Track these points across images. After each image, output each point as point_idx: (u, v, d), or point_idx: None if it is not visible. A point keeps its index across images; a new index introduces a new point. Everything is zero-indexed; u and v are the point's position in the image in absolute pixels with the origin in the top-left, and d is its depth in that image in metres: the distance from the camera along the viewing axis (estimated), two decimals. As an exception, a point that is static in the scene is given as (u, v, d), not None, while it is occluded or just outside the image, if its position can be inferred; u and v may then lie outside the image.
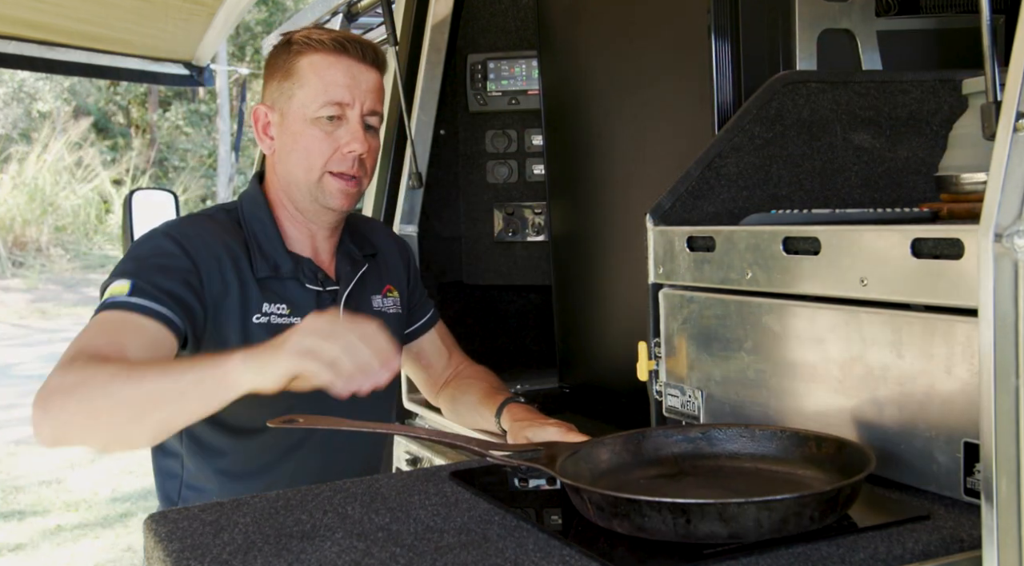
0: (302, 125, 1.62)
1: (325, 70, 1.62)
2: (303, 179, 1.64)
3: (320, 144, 1.62)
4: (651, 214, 1.41)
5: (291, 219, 1.68)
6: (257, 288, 1.59)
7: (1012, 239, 0.79)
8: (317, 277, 1.66)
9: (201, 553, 1.00)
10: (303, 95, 1.62)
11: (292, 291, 1.63)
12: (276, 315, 1.59)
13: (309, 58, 1.63)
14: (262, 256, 1.62)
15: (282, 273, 1.63)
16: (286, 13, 15.01)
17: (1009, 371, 0.80)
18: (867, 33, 1.77)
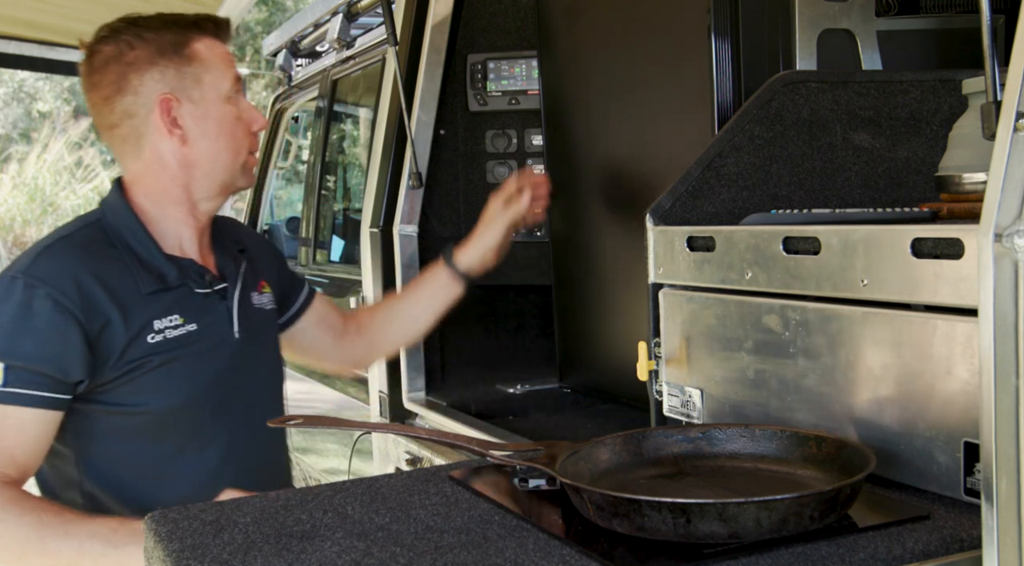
0: (221, 107, 1.57)
1: (219, 50, 1.59)
2: (230, 162, 1.59)
3: (240, 124, 1.59)
4: (651, 214, 1.41)
5: (169, 220, 1.58)
6: (143, 306, 1.49)
7: (1012, 239, 0.79)
8: (205, 279, 1.58)
9: (201, 553, 1.00)
10: (213, 78, 1.56)
11: (181, 299, 1.54)
12: (170, 328, 1.51)
13: (203, 41, 1.57)
14: (144, 269, 1.51)
15: (169, 282, 1.53)
16: (286, 13, 15.02)
17: (1009, 371, 0.80)
18: (867, 33, 1.77)
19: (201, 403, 1.54)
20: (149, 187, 1.58)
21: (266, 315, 1.71)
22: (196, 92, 1.55)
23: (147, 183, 1.58)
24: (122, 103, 1.54)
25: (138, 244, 1.53)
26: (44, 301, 1.41)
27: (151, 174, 1.57)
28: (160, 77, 1.53)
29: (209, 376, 1.55)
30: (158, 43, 1.54)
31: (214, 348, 1.55)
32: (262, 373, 1.67)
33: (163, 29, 1.55)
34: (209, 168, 1.57)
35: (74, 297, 1.42)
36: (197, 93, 1.55)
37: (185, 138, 1.55)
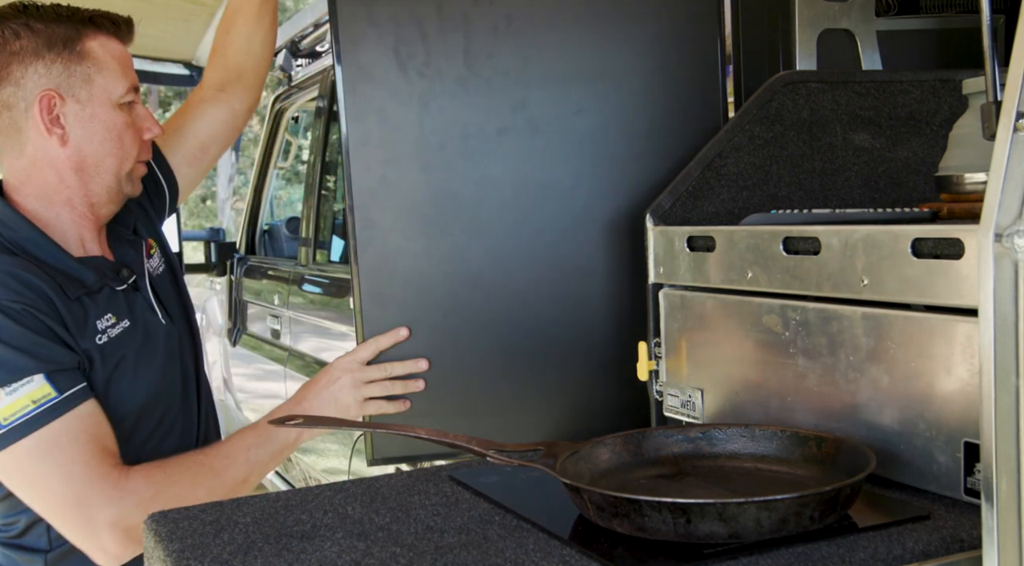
0: (111, 112, 1.48)
1: (117, 52, 1.50)
2: (115, 169, 1.50)
3: (131, 132, 1.51)
4: (651, 214, 1.41)
5: (67, 223, 1.51)
6: (79, 308, 1.44)
7: (1012, 239, 0.79)
8: (120, 275, 1.53)
9: (201, 553, 1.00)
10: (105, 80, 1.48)
11: (107, 298, 1.49)
12: (111, 328, 1.47)
13: (99, 40, 1.48)
14: (65, 276, 1.44)
15: (90, 286, 1.47)
16: (286, 13, 15.01)
17: (1009, 371, 0.80)
18: (867, 33, 1.77)
19: (161, 395, 1.55)
20: (35, 188, 1.49)
21: (165, 277, 1.66)
22: (84, 92, 1.47)
23: (35, 184, 1.49)
24: (2, 94, 1.45)
25: (43, 253, 1.45)
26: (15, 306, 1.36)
27: (36, 173, 1.49)
28: (45, 71, 1.44)
29: (156, 368, 1.54)
30: (48, 35, 1.45)
31: (149, 340, 1.54)
32: (187, 343, 1.66)
33: (56, 22, 1.46)
34: (94, 172, 1.50)
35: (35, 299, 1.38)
36: (85, 93, 1.47)
37: (65, 139, 1.47)
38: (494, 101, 1.50)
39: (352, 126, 1.45)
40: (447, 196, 1.49)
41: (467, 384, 1.51)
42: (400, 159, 1.47)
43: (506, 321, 1.52)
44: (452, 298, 1.50)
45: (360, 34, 1.44)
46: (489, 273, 1.51)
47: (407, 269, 1.48)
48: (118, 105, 1.49)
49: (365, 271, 1.46)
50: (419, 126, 1.47)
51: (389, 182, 1.47)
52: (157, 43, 4.56)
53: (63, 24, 1.46)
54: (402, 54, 1.46)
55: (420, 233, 1.49)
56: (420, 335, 1.49)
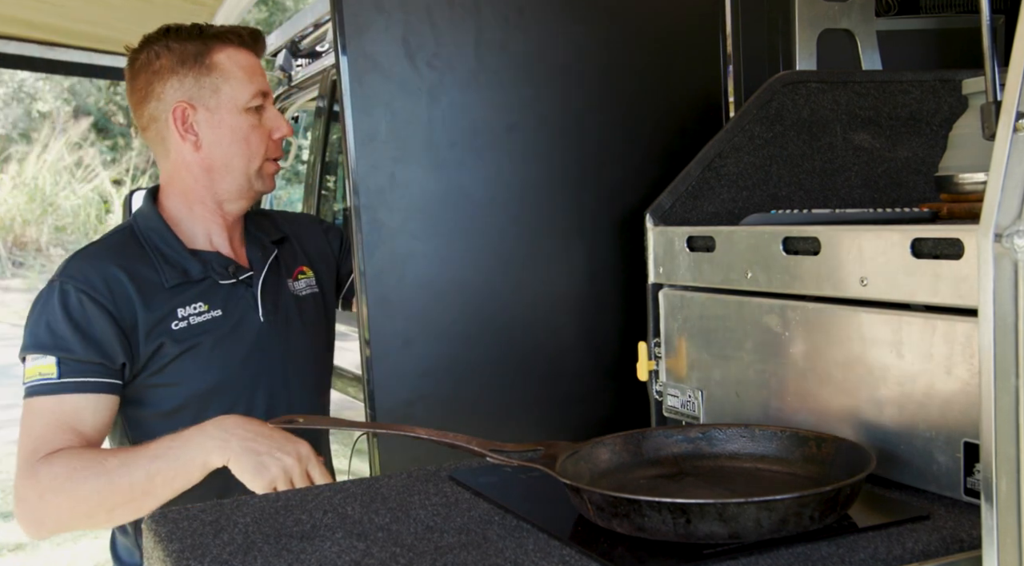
0: (237, 117, 1.66)
1: (245, 61, 1.68)
2: (243, 168, 1.68)
3: (258, 133, 1.68)
4: (651, 214, 1.41)
5: (198, 219, 1.70)
6: (167, 296, 1.61)
7: (1012, 239, 0.79)
8: (228, 270, 1.68)
9: (201, 553, 1.00)
10: (231, 88, 1.66)
11: (206, 289, 1.65)
12: (195, 315, 1.63)
13: (227, 52, 1.67)
14: (168, 264, 1.64)
15: (192, 275, 1.65)
16: (286, 13, 15.01)
17: (1009, 371, 0.80)
18: (867, 33, 1.77)
19: (233, 383, 1.65)
20: (177, 187, 1.70)
21: (303, 300, 1.80)
22: (212, 101, 1.65)
23: (175, 183, 1.70)
24: (148, 108, 1.68)
25: (163, 243, 1.65)
26: (78, 295, 1.54)
27: (177, 174, 1.70)
28: (179, 85, 1.65)
29: (236, 358, 1.65)
30: (181, 53, 1.66)
31: (237, 331, 1.66)
32: (294, 355, 1.74)
33: (189, 40, 1.67)
34: (224, 172, 1.67)
35: (103, 291, 1.55)
36: (213, 102, 1.65)
37: (199, 144, 1.66)
38: (505, 96, 1.46)
39: (358, 120, 1.39)
40: (457, 195, 1.45)
41: (467, 384, 1.50)
42: (409, 156, 1.42)
43: (506, 320, 1.51)
44: (461, 301, 1.47)
45: (367, 21, 1.38)
46: (495, 274, 1.49)
47: (415, 273, 1.43)
48: (245, 110, 1.66)
49: (372, 275, 1.41)
50: (428, 121, 1.43)
51: (398, 181, 1.42)
52: (157, 43, 4.55)
53: (195, 41, 1.66)
54: (411, 44, 1.41)
55: (430, 234, 1.44)
56: (426, 340, 1.45)
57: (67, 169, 15.65)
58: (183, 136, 1.66)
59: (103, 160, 16.32)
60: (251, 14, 15.80)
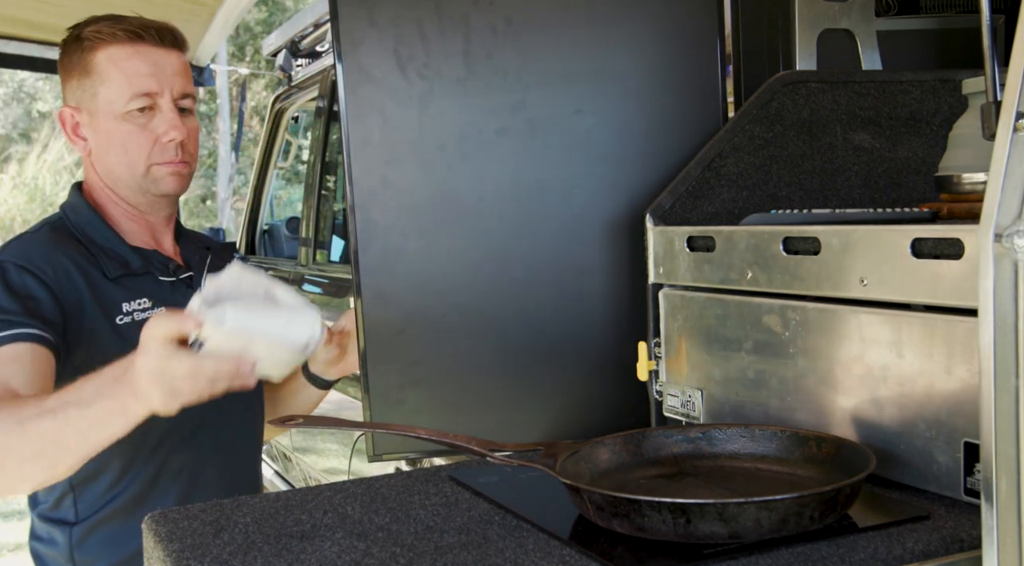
0: (114, 122, 1.57)
1: (125, 62, 1.56)
2: (127, 175, 1.60)
3: (137, 139, 1.57)
4: (651, 214, 1.41)
5: (125, 215, 1.64)
6: (111, 287, 1.55)
7: (1012, 239, 0.79)
8: (169, 268, 1.64)
9: (201, 553, 1.00)
10: (108, 92, 1.56)
11: (148, 285, 1.60)
12: (139, 311, 1.56)
13: (106, 52, 1.56)
14: (106, 256, 1.57)
15: (133, 269, 1.59)
16: (286, 13, 15.02)
17: (1009, 371, 0.80)
18: (867, 33, 1.77)
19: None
20: (94, 187, 1.64)
21: None
22: (92, 105, 1.58)
23: (91, 183, 1.65)
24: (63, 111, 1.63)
25: (99, 235, 1.59)
26: (16, 271, 1.46)
27: (88, 177, 1.65)
28: (69, 88, 1.60)
29: None
30: (67, 55, 1.59)
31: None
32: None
33: (74, 41, 1.58)
34: (113, 178, 1.61)
35: (46, 270, 1.48)
36: (93, 106, 1.58)
37: (88, 149, 1.61)
38: (493, 102, 1.50)
39: (353, 127, 1.46)
40: (447, 196, 1.50)
41: (467, 384, 1.52)
42: (400, 159, 1.48)
43: (506, 321, 1.52)
44: (452, 298, 1.50)
45: (361, 35, 1.45)
46: (489, 273, 1.52)
47: (407, 269, 1.49)
48: (123, 114, 1.56)
49: (366, 271, 1.47)
50: (419, 127, 1.48)
51: (389, 182, 1.47)
52: (157, 43, 4.55)
53: (77, 42, 1.58)
54: (402, 55, 1.47)
55: (420, 233, 1.49)
56: (420, 335, 1.49)
57: (67, 169, 15.65)
58: (74, 141, 1.61)
59: (103, 160, 16.29)
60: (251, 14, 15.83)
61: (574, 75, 1.52)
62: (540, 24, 1.51)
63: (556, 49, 1.52)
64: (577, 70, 1.53)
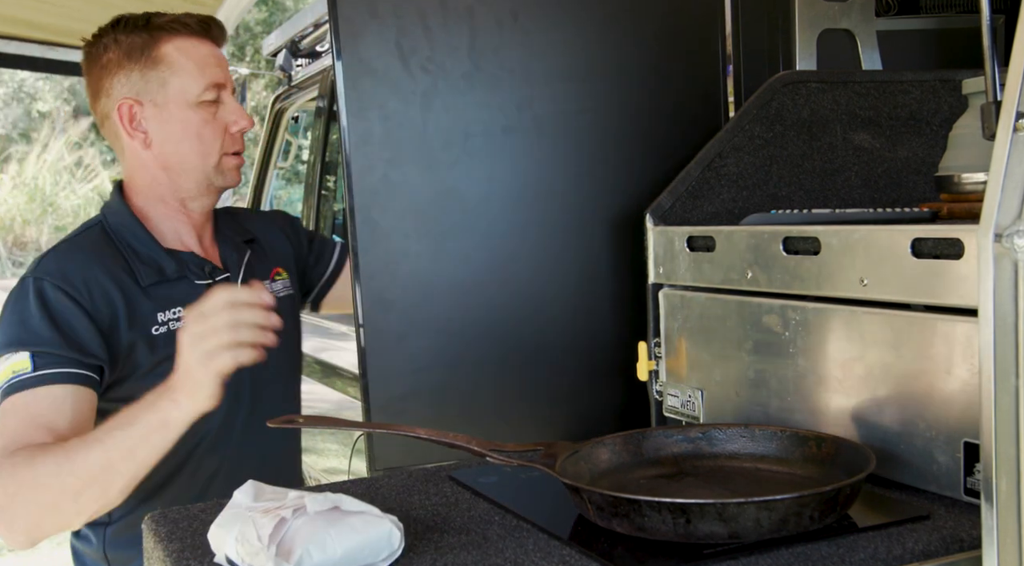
0: (189, 111, 1.58)
1: (196, 51, 1.58)
2: (199, 164, 1.60)
3: (212, 128, 1.59)
4: (651, 214, 1.41)
5: (163, 217, 1.63)
6: (146, 299, 1.54)
7: (1012, 239, 0.79)
8: (204, 270, 1.62)
9: (201, 553, 1.00)
10: (181, 81, 1.57)
11: (183, 291, 1.57)
12: (174, 321, 1.54)
13: (175, 43, 1.57)
14: (142, 262, 1.56)
15: (168, 274, 1.57)
16: (286, 13, 15.01)
17: (1009, 371, 0.80)
18: (867, 33, 1.77)
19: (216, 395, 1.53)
20: (138, 185, 1.63)
21: (279, 302, 1.68)
22: (160, 95, 1.57)
23: (136, 181, 1.63)
24: (100, 104, 1.61)
25: (136, 240, 1.58)
26: (54, 291, 1.46)
27: (136, 172, 1.63)
28: (125, 80, 1.57)
29: None
30: (128, 46, 1.57)
31: None
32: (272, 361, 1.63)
33: (136, 31, 1.57)
34: (179, 170, 1.60)
35: (81, 289, 1.47)
36: (161, 96, 1.57)
37: (148, 141, 1.59)
38: (500, 99, 1.47)
39: (352, 123, 1.42)
40: (451, 197, 1.47)
41: (467, 384, 1.50)
42: (403, 158, 1.44)
43: (506, 321, 1.51)
44: (454, 299, 1.48)
45: (361, 27, 1.41)
46: (490, 273, 1.50)
47: (409, 272, 1.45)
48: (197, 104, 1.57)
49: (366, 274, 1.43)
50: (422, 124, 1.44)
51: (391, 182, 1.44)
52: (157, 43, 4.55)
53: (141, 33, 1.57)
54: (405, 48, 1.43)
55: (423, 234, 1.46)
56: (421, 337, 1.47)
57: (67, 169, 15.65)
58: (131, 134, 1.59)
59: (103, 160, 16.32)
60: (251, 14, 15.81)
61: (576, 73, 1.51)
62: (546, 20, 1.49)
63: (560, 46, 1.50)
64: (581, 68, 1.51)
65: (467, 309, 1.49)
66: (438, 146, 1.45)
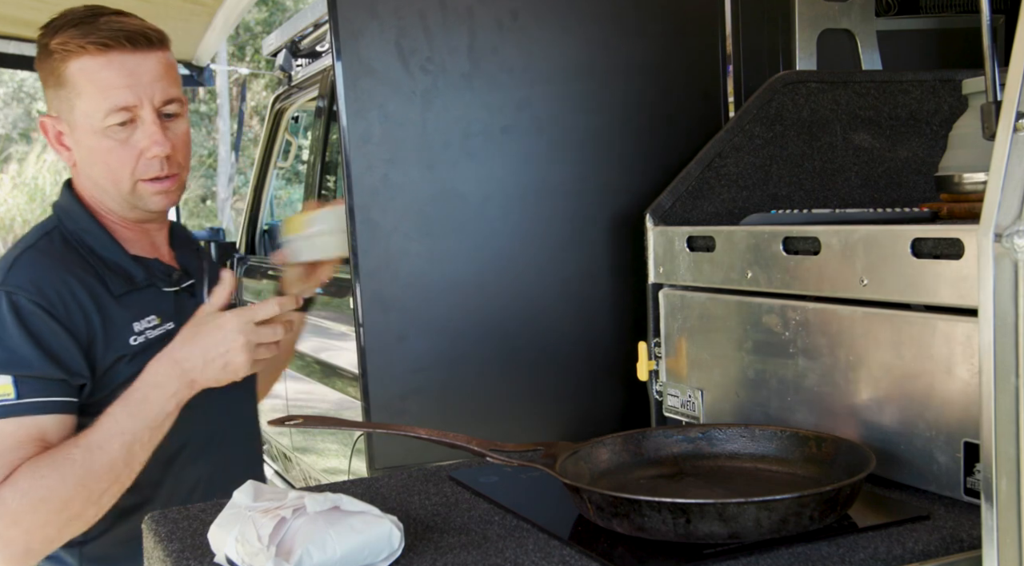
0: (93, 137, 1.45)
1: (97, 74, 1.42)
2: (113, 191, 1.48)
3: (119, 155, 1.45)
4: (651, 214, 1.41)
5: (120, 222, 1.53)
6: (119, 308, 1.45)
7: (1012, 239, 0.79)
8: (171, 277, 1.54)
9: (201, 553, 1.00)
10: (83, 105, 1.43)
11: (152, 299, 1.50)
12: (150, 329, 1.47)
13: (77, 64, 1.42)
14: (111, 271, 1.47)
15: (138, 282, 1.49)
16: (286, 13, 15.01)
17: (1009, 371, 0.80)
18: (867, 33, 1.77)
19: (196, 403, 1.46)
20: (85, 194, 1.53)
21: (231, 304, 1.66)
22: (71, 118, 1.46)
23: (82, 190, 1.53)
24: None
25: (102, 247, 1.49)
26: (30, 306, 1.38)
27: (79, 181, 1.54)
28: (51, 96, 1.48)
29: None
30: (42, 63, 1.47)
31: None
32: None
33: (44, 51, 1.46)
34: (100, 190, 1.50)
35: (56, 303, 1.39)
36: (71, 119, 1.46)
37: (73, 159, 1.50)
38: (498, 98, 1.47)
39: (352, 123, 1.41)
40: (450, 196, 1.47)
41: (467, 384, 1.50)
42: (402, 158, 1.44)
43: (506, 321, 1.51)
44: (454, 299, 1.48)
45: (361, 27, 1.41)
46: (490, 273, 1.50)
47: (409, 271, 1.46)
48: (104, 128, 1.44)
49: (366, 274, 1.43)
50: (422, 124, 1.44)
51: (391, 182, 1.44)
52: (157, 43, 4.55)
53: (50, 51, 1.45)
54: (404, 48, 1.43)
55: (423, 234, 1.46)
56: (421, 337, 1.47)
57: (67, 169, 15.64)
58: (58, 150, 1.50)
59: (103, 160, 16.29)
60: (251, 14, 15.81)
61: (576, 73, 1.51)
62: (545, 20, 1.49)
63: (560, 46, 1.50)
64: (581, 68, 1.52)
65: (466, 309, 1.49)
66: (438, 146, 1.45)
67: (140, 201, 1.49)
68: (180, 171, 1.51)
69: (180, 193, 1.55)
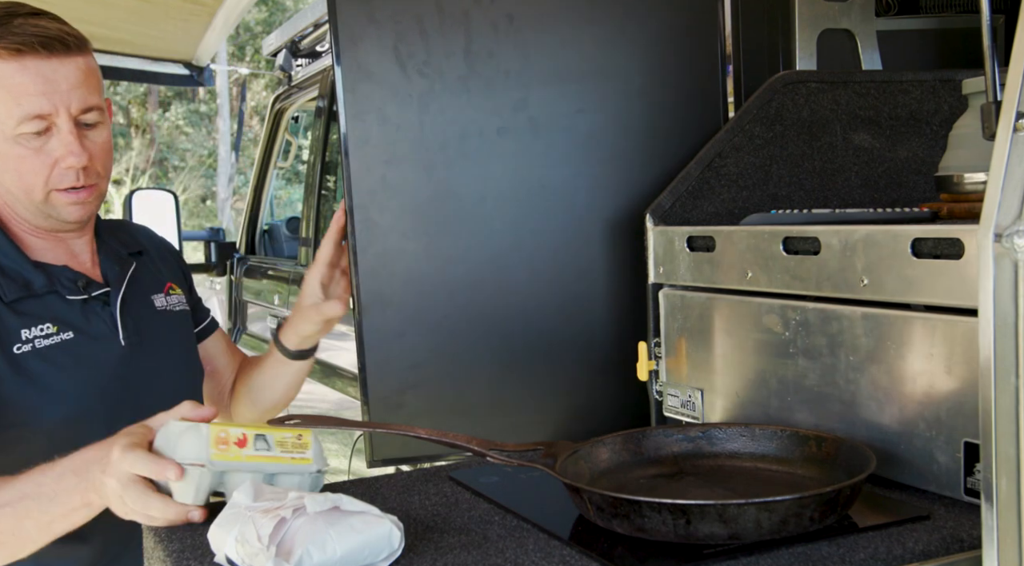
0: (5, 145, 1.38)
1: (10, 80, 1.36)
2: (25, 199, 1.42)
3: (31, 164, 1.39)
4: (651, 214, 1.41)
5: (31, 230, 1.47)
6: (10, 314, 1.39)
7: (1012, 239, 0.79)
8: (78, 285, 1.45)
9: (201, 553, 1.00)
10: None
11: (53, 306, 1.43)
12: (41, 337, 1.40)
13: None
14: (5, 276, 1.40)
15: (35, 289, 1.42)
16: (286, 13, 15.01)
17: (1009, 371, 0.80)
18: (867, 33, 1.77)
19: (88, 417, 1.41)
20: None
21: (174, 317, 1.60)
22: None
23: None
24: None
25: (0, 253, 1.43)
26: None
27: None
28: None
29: (92, 388, 1.43)
30: None
31: (93, 357, 1.44)
32: (163, 382, 1.52)
33: None
34: (12, 199, 1.44)
35: None
36: None
37: None
38: (495, 100, 1.49)
39: (351, 125, 1.45)
40: (447, 196, 1.49)
41: (467, 384, 1.51)
42: (400, 159, 1.47)
43: (506, 321, 1.52)
44: (452, 298, 1.50)
45: (360, 32, 1.44)
46: (489, 273, 1.51)
47: (407, 270, 1.48)
48: (16, 136, 1.37)
49: (365, 272, 1.46)
50: (419, 126, 1.47)
51: (389, 182, 1.46)
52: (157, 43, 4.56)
53: None
54: (402, 52, 1.46)
55: (420, 233, 1.48)
56: (419, 336, 1.49)
57: (67, 169, 15.62)
58: None
59: (103, 160, 16.28)
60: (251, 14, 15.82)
61: (575, 74, 1.52)
62: (542, 22, 1.51)
63: (558, 48, 1.51)
64: (578, 69, 1.52)
65: (464, 308, 1.50)
66: (435, 147, 1.47)
67: (54, 211, 1.44)
68: (99, 181, 1.46)
69: (98, 203, 1.49)
